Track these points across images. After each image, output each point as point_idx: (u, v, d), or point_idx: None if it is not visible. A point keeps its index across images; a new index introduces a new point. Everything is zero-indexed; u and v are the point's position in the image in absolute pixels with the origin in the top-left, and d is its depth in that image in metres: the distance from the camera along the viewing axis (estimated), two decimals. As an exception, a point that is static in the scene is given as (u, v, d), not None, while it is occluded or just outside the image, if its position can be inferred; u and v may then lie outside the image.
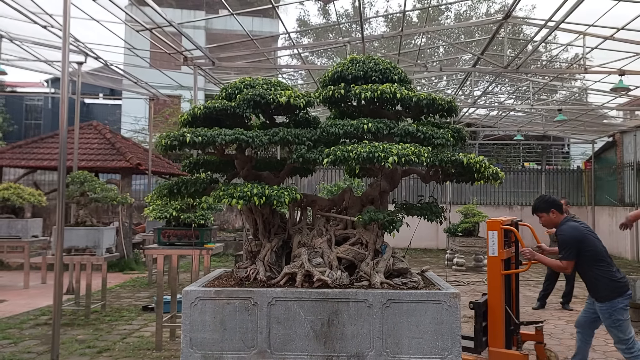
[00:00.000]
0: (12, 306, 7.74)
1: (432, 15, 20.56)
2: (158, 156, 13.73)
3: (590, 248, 4.14)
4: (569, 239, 4.14)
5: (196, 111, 3.32)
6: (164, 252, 5.61)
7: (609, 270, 4.12)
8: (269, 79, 3.60)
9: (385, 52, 15.26)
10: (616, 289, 4.07)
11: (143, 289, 9.28)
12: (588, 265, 4.15)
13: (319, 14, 25.60)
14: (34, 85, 30.60)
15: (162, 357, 5.25)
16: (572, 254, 4.14)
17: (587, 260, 4.14)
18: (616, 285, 4.08)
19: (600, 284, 4.11)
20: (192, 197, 3.58)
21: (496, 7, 24.86)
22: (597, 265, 4.12)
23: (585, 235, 4.19)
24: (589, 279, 4.21)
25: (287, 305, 3.05)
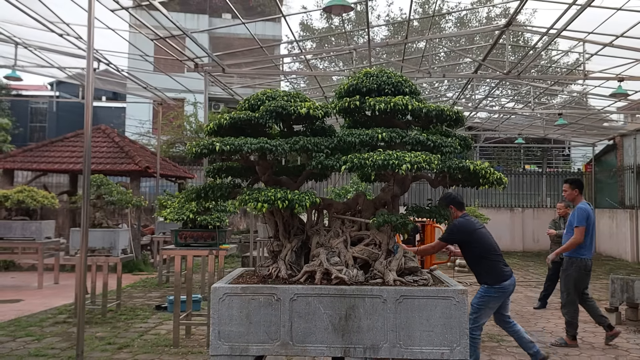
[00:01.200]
0: (29, 305, 7.99)
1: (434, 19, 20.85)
2: (164, 159, 14.00)
3: (480, 241, 4.77)
4: (456, 227, 4.81)
5: (222, 121, 3.58)
6: (181, 252, 5.85)
7: (496, 261, 4.76)
8: (288, 91, 3.85)
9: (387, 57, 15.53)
10: (498, 277, 4.70)
11: (154, 289, 9.53)
12: (478, 255, 4.79)
13: (321, 18, 25.87)
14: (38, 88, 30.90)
15: (180, 354, 5.49)
16: (449, 239, 4.88)
17: (478, 251, 4.77)
18: (499, 274, 4.71)
19: (485, 271, 4.76)
20: (217, 201, 3.83)
21: (497, 11, 25.16)
22: (486, 256, 4.75)
23: (475, 229, 4.80)
24: (478, 267, 4.84)
25: (308, 301, 3.30)
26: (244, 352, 3.29)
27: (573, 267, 6.05)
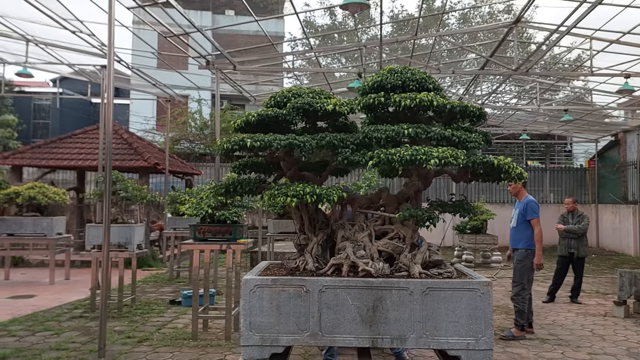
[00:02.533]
0: (43, 301, 8.08)
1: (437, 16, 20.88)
2: (172, 155, 14.06)
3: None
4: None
5: (250, 118, 3.65)
6: (199, 247, 5.93)
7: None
8: (313, 88, 3.93)
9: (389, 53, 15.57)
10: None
11: (165, 284, 9.62)
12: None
13: (324, 14, 25.88)
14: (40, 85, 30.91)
15: (199, 347, 5.59)
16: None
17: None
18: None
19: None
20: (244, 195, 3.91)
21: (500, 7, 25.19)
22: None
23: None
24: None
25: (336, 293, 3.39)
26: (275, 342, 3.37)
27: (528, 258, 6.27)
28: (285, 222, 9.92)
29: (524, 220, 6.33)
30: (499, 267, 12.14)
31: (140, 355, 5.26)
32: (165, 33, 7.87)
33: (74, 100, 27.18)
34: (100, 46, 8.92)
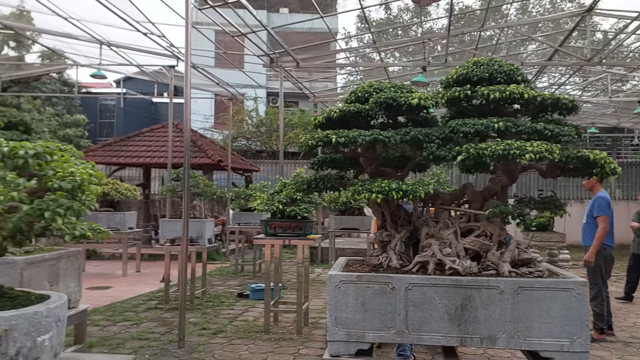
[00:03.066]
0: (118, 292, 8.46)
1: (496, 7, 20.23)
2: (232, 152, 14.37)
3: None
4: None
5: (332, 114, 3.66)
6: (271, 241, 6.02)
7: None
8: (393, 82, 3.88)
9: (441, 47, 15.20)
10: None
11: (231, 278, 9.85)
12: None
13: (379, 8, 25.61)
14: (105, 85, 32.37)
15: (272, 340, 5.68)
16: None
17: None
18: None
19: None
20: (326, 191, 3.92)
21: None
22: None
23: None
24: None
25: (423, 291, 3.34)
26: (360, 338, 3.37)
27: (599, 257, 6.00)
28: (347, 218, 9.93)
29: (592, 217, 6.10)
30: (567, 267, 11.66)
31: (217, 346, 5.40)
32: (233, 32, 8.02)
33: (136, 100, 28.30)
34: (169, 47, 9.21)
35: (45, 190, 1.80)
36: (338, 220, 9.80)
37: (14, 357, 1.78)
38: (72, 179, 1.78)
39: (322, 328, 6.25)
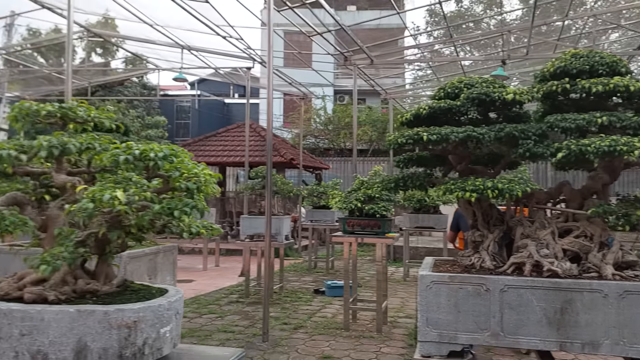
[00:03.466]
0: (200, 285, 8.82)
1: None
2: (303, 151, 14.58)
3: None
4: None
5: (420, 111, 3.61)
6: (350, 239, 6.05)
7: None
8: (484, 77, 3.77)
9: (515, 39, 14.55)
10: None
11: (305, 274, 10.00)
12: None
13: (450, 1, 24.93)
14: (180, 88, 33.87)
15: (352, 337, 5.70)
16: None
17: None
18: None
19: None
20: (413, 189, 3.89)
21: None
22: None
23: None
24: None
25: (519, 293, 3.23)
26: (453, 340, 3.31)
27: None
28: (422, 217, 9.78)
29: None
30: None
31: (299, 341, 5.50)
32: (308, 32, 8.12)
33: (210, 101, 29.37)
34: (246, 49, 9.47)
35: (169, 190, 1.92)
36: (412, 219, 9.67)
37: (141, 347, 1.90)
38: (197, 180, 1.87)
39: (401, 327, 6.20)
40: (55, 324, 1.80)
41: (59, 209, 2.07)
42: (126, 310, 1.85)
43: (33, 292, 1.86)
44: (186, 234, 2.01)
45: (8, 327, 1.83)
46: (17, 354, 1.83)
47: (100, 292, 1.98)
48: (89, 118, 2.14)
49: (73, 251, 1.80)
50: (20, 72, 14.72)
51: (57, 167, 2.14)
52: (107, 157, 1.87)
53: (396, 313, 6.85)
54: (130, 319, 1.85)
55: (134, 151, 1.84)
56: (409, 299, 7.84)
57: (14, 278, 1.99)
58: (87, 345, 1.80)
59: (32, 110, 2.03)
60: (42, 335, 1.80)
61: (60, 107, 2.08)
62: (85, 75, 13.21)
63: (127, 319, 1.85)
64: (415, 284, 9.17)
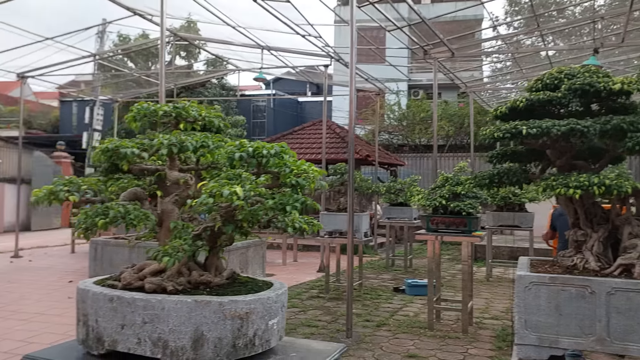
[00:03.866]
0: (281, 279, 8.95)
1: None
2: (378, 147, 14.49)
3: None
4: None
5: (517, 104, 3.46)
6: (433, 237, 5.93)
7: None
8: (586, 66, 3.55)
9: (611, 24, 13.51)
10: None
11: (383, 272, 9.94)
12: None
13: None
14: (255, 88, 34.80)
15: (437, 337, 5.59)
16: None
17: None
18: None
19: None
20: (509, 186, 3.74)
21: None
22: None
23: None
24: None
25: (629, 296, 3.01)
26: (554, 344, 3.15)
27: None
28: (506, 215, 9.40)
29: None
30: None
31: (383, 339, 5.47)
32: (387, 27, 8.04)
33: (284, 100, 29.96)
34: (324, 47, 9.54)
35: (277, 185, 1.97)
36: (496, 217, 9.33)
37: (252, 338, 1.96)
38: (307, 176, 1.91)
39: (487, 328, 6.00)
40: (174, 313, 1.90)
41: (173, 203, 2.19)
42: (239, 302, 1.92)
43: (153, 283, 1.98)
44: (291, 229, 2.05)
45: (131, 315, 1.96)
46: (139, 341, 1.95)
47: (213, 283, 2.07)
48: (200, 117, 2.25)
49: (192, 244, 1.90)
50: (112, 76, 15.78)
51: (170, 165, 2.26)
52: (222, 154, 1.95)
53: (481, 314, 6.64)
54: (242, 310, 1.92)
55: (248, 149, 1.91)
56: (493, 300, 7.58)
57: (134, 269, 2.13)
58: (204, 335, 1.89)
59: (150, 111, 2.17)
60: (163, 323, 1.91)
61: (174, 107, 2.20)
62: (170, 78, 13.89)
63: (240, 310, 1.92)
64: (499, 284, 8.89)
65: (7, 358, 4.65)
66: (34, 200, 1.98)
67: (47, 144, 22.46)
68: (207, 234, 1.96)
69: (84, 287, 2.11)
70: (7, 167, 17.24)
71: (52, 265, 10.20)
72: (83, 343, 2.10)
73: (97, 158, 2.06)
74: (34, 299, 7.03)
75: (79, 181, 2.04)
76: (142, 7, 9.35)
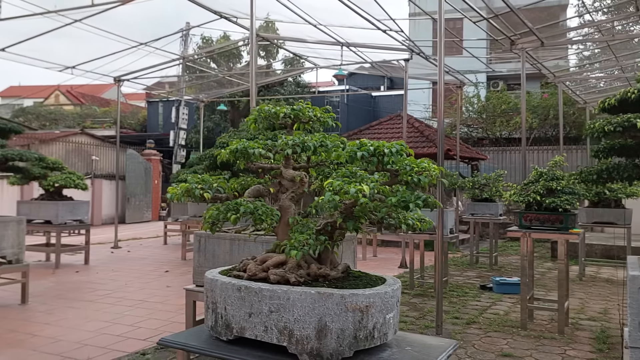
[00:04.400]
0: (362, 275, 9.09)
1: None
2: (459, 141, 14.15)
3: None
4: None
5: (629, 95, 3.28)
6: (527, 235, 5.75)
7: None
8: None
9: None
10: None
11: (466, 269, 9.73)
12: None
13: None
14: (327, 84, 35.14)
15: (531, 337, 5.42)
16: None
17: None
18: None
19: None
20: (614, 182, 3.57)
21: None
22: None
23: None
24: None
25: None
26: (673, 349, 2.97)
27: None
28: (600, 211, 8.91)
29: None
30: None
31: (474, 337, 5.39)
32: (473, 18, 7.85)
33: (357, 95, 30.01)
34: (405, 41, 9.46)
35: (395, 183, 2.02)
36: (590, 213, 8.85)
37: (371, 331, 2.04)
38: (428, 174, 1.95)
39: (585, 329, 5.73)
40: (299, 303, 2.01)
41: (290, 200, 2.30)
42: (359, 295, 2.00)
43: (277, 274, 2.10)
44: (404, 226, 2.10)
45: (258, 303, 2.10)
46: (266, 328, 2.08)
47: (330, 276, 2.16)
48: (315, 118, 2.36)
49: (316, 239, 2.00)
50: (196, 77, 16.55)
51: (286, 163, 2.38)
52: (344, 153, 2.04)
53: (577, 314, 6.35)
54: (362, 303, 2.00)
55: (369, 148, 1.98)
56: (588, 300, 7.21)
57: (256, 261, 2.27)
58: (327, 325, 1.98)
59: (270, 113, 2.30)
60: (288, 313, 2.03)
61: (292, 109, 2.32)
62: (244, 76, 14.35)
63: (360, 303, 1.99)
64: (593, 284, 8.45)
65: (119, 341, 5.08)
66: (170, 196, 2.17)
67: (136, 142, 24.03)
68: (327, 229, 2.06)
69: (212, 277, 2.28)
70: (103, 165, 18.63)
71: (148, 255, 10.92)
72: (212, 329, 2.27)
73: (227, 157, 2.20)
74: (136, 287, 7.58)
75: (210, 179, 2.20)
76: (227, 10, 9.74)
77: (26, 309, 6.21)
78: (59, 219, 8.86)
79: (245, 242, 4.46)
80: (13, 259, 6.22)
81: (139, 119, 31.09)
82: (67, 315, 5.94)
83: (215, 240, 4.58)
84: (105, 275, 8.54)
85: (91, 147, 18.06)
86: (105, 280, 8.07)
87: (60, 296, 6.94)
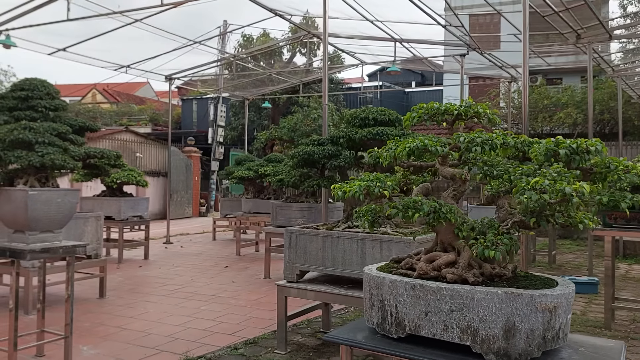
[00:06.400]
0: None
1: None
2: (505, 137, 13.93)
3: None
4: None
5: None
6: (612, 233, 5.62)
7: None
8: None
9: None
10: None
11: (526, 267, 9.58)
12: None
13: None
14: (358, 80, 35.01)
15: (618, 337, 5.30)
16: None
17: None
18: None
19: None
20: None
21: None
22: None
23: None
24: None
25: None
26: None
27: None
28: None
29: None
30: None
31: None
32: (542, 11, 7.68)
33: (390, 92, 29.90)
34: (462, 36, 9.34)
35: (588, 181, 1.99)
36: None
37: (558, 332, 2.01)
38: (635, 173, 1.91)
39: (672, 331, 5.59)
40: (485, 303, 1.99)
41: (452, 198, 2.29)
42: (548, 296, 1.97)
43: (454, 274, 2.09)
44: (580, 225, 2.06)
45: (437, 302, 2.09)
46: (446, 327, 2.07)
47: (505, 276, 2.14)
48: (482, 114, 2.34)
49: (510, 238, 1.98)
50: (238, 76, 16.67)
51: (442, 161, 2.36)
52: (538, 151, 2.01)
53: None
54: (551, 303, 1.97)
55: (570, 145, 1.95)
56: (666, 301, 7.02)
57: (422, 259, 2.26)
58: (515, 325, 1.96)
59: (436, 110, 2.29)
60: (472, 312, 2.01)
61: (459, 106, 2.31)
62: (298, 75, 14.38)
63: (549, 303, 1.97)
64: (664, 284, 8.19)
65: (207, 335, 5.15)
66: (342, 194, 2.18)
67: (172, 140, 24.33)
68: (515, 229, 2.04)
69: (376, 274, 2.28)
70: (146, 161, 18.93)
71: (202, 251, 11.06)
72: (378, 326, 2.27)
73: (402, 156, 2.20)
74: (202, 282, 7.68)
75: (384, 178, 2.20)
76: (283, 7, 9.76)
77: (106, 303, 6.35)
78: (122, 214, 9.04)
79: (338, 239, 4.48)
80: (92, 254, 6.37)
81: (173, 116, 31.49)
82: (147, 309, 6.06)
83: (307, 237, 4.61)
84: (168, 270, 8.67)
85: (135, 145, 18.37)
86: (171, 275, 8.20)
87: (134, 290, 7.07)
